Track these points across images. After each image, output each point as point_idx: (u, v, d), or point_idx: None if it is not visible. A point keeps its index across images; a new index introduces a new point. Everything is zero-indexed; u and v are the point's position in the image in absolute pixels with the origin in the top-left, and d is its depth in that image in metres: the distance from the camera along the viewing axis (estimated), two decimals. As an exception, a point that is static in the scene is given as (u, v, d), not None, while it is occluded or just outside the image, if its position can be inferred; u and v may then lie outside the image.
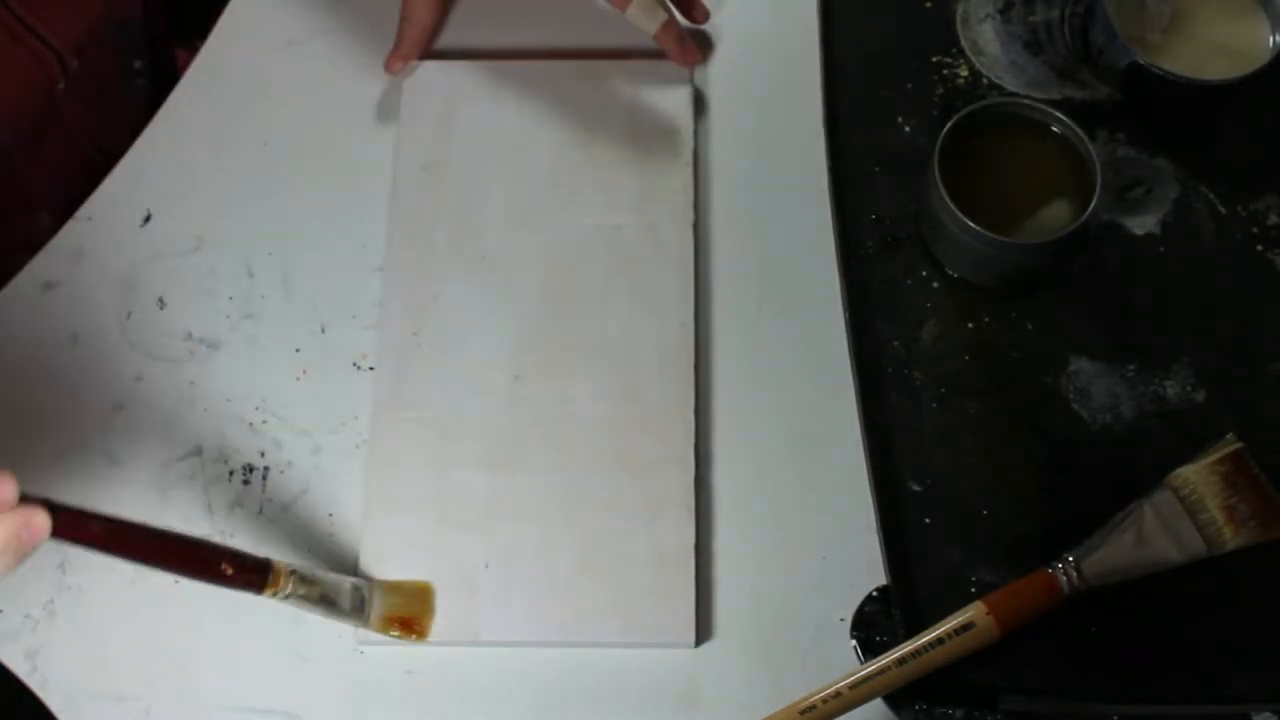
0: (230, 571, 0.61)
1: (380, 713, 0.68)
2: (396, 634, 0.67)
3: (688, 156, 0.78)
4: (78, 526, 0.56)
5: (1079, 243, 0.72)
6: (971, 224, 0.68)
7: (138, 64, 0.89)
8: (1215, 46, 0.75)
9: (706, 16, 0.81)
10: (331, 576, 0.66)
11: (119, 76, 0.88)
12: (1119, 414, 0.70)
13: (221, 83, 0.82)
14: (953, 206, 0.68)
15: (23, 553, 0.53)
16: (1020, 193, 0.72)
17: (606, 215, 0.77)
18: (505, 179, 0.78)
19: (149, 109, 0.81)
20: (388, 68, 0.81)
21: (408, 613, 0.68)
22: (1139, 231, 0.75)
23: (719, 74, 0.82)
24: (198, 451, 0.73)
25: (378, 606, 0.67)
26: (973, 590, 0.67)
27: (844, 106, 0.78)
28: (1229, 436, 0.67)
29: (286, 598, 0.63)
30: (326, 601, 0.65)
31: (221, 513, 0.72)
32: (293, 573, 0.63)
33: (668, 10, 0.79)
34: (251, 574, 0.62)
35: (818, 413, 0.72)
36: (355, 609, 0.66)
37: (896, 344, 0.72)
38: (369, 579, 0.68)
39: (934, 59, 0.79)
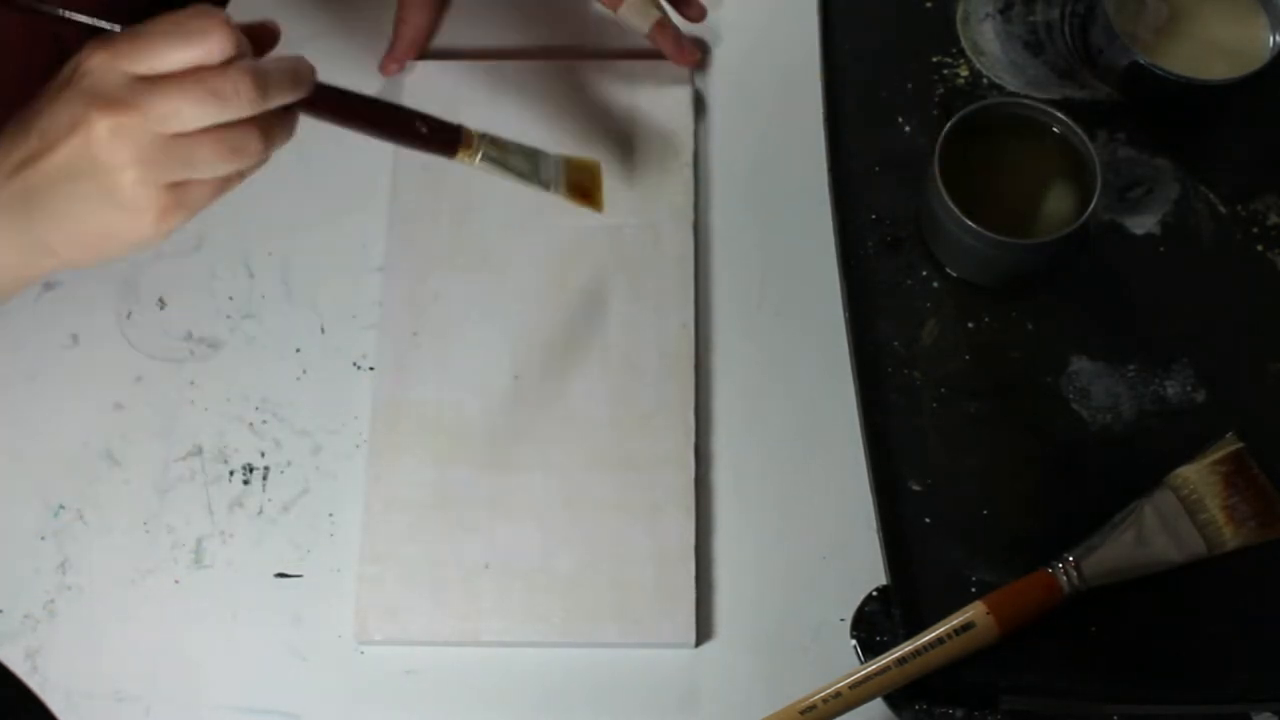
0: (425, 130, 0.61)
1: (380, 713, 0.68)
2: (581, 202, 0.68)
3: (688, 156, 0.78)
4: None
5: (1079, 243, 0.72)
6: (971, 224, 0.68)
7: None
8: (1215, 46, 0.75)
9: (703, 15, 0.81)
10: (523, 144, 0.65)
11: None
12: (1119, 414, 0.70)
13: (221, 83, 0.82)
14: (953, 206, 0.68)
15: (295, 87, 0.56)
16: (1020, 193, 0.72)
17: (606, 215, 0.76)
18: (505, 179, 0.78)
19: None
20: (383, 70, 0.81)
21: (589, 185, 0.68)
22: (1139, 231, 0.74)
23: (719, 74, 0.82)
24: (198, 451, 0.73)
25: (564, 176, 0.67)
26: (973, 590, 0.67)
27: (844, 106, 0.78)
28: (1229, 436, 0.67)
29: (480, 160, 0.63)
30: (518, 168, 0.65)
31: (221, 513, 0.72)
32: (484, 136, 0.63)
33: (660, 9, 0.78)
34: (444, 135, 0.62)
35: (818, 413, 0.72)
36: (547, 177, 0.66)
37: (896, 344, 0.72)
38: (549, 153, 0.67)
39: (934, 59, 0.79)
